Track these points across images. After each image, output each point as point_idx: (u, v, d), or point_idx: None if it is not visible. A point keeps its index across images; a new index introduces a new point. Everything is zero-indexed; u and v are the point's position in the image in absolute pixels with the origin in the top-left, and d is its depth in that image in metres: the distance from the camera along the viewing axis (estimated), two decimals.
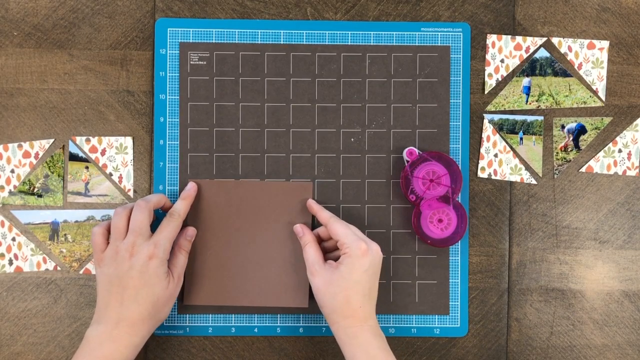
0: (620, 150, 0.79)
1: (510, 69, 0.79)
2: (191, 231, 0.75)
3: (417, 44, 0.79)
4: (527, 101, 0.79)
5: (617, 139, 0.79)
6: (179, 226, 0.72)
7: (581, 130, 0.79)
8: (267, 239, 0.77)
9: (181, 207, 0.74)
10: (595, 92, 0.79)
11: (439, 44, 0.79)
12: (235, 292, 0.77)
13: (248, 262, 0.77)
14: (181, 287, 0.75)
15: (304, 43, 0.78)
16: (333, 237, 0.72)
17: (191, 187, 0.76)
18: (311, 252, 0.72)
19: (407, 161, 0.77)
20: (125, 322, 0.68)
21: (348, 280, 0.69)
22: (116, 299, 0.68)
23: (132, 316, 0.68)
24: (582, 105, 0.79)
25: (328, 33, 0.78)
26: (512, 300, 0.79)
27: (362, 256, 0.70)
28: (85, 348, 0.67)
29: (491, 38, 0.79)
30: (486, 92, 0.79)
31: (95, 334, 0.68)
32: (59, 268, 0.77)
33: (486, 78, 0.79)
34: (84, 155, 0.78)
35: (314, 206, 0.76)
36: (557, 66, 0.79)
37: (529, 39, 0.79)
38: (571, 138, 0.79)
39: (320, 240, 0.76)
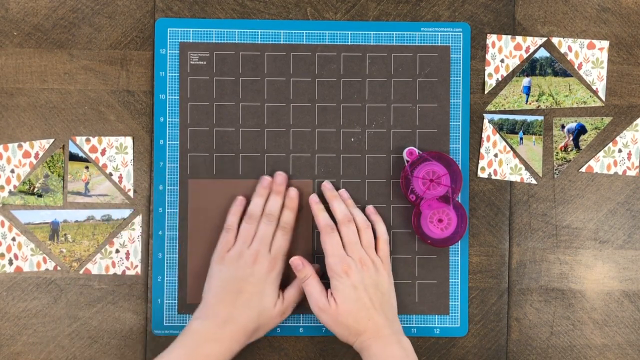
0: (620, 150, 0.79)
1: (510, 69, 0.79)
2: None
3: (417, 44, 0.79)
4: (527, 101, 0.79)
5: (617, 139, 0.79)
6: (290, 237, 0.74)
7: (581, 130, 0.79)
8: None
9: (290, 218, 0.75)
10: (595, 92, 0.79)
11: (439, 44, 0.79)
12: None
13: None
14: (186, 287, 0.76)
15: (304, 43, 0.78)
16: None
17: (295, 196, 0.76)
18: (314, 286, 0.72)
19: (407, 161, 0.77)
20: (232, 324, 0.69)
21: (347, 304, 0.70)
22: (230, 299, 0.70)
23: (240, 320, 0.69)
24: (582, 105, 0.79)
25: (328, 33, 0.78)
26: (512, 300, 0.79)
27: (346, 275, 0.71)
28: (189, 341, 0.68)
29: (491, 38, 0.79)
30: (486, 92, 0.79)
31: (201, 330, 0.69)
32: (59, 268, 0.77)
33: (486, 78, 0.79)
34: (84, 155, 0.78)
35: (314, 207, 0.76)
36: (557, 66, 0.79)
37: (529, 39, 0.79)
38: (571, 138, 0.79)
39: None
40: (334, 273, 0.71)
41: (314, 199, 0.76)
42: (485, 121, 0.79)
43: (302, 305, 0.76)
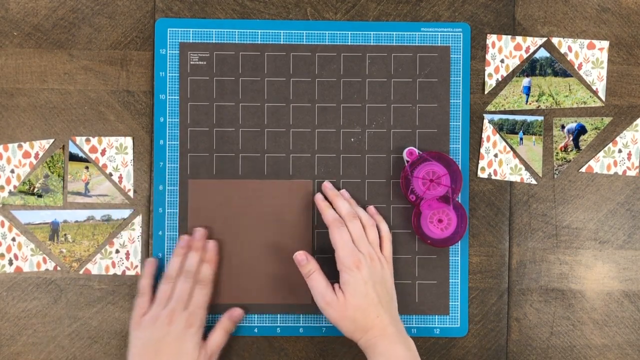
0: (620, 150, 0.79)
1: (510, 69, 0.79)
2: (237, 313, 0.76)
3: (417, 44, 0.79)
4: (527, 101, 0.79)
5: (617, 139, 0.79)
6: (209, 291, 0.74)
7: (581, 130, 0.79)
8: (267, 238, 0.77)
9: (207, 272, 0.74)
10: (595, 92, 0.79)
11: (439, 44, 0.79)
12: (235, 291, 0.77)
13: (248, 261, 0.77)
14: None
15: (304, 43, 0.78)
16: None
17: (213, 247, 0.76)
18: (319, 280, 0.72)
19: (407, 161, 0.77)
20: None
21: (357, 299, 0.69)
22: None
23: None
24: (582, 105, 0.79)
25: (328, 33, 0.78)
26: (512, 300, 0.79)
27: (357, 269, 0.70)
28: None
29: (491, 38, 0.79)
30: (486, 92, 0.79)
31: None
32: (59, 268, 0.77)
33: (486, 78, 0.79)
34: (84, 155, 0.78)
35: (321, 204, 0.75)
36: (557, 66, 0.79)
37: (529, 39, 0.79)
38: (571, 138, 0.79)
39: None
40: (345, 266, 0.70)
41: (319, 197, 0.76)
42: (485, 121, 0.79)
43: (302, 305, 0.76)
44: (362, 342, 0.70)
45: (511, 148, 0.79)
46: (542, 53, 0.79)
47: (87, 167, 0.78)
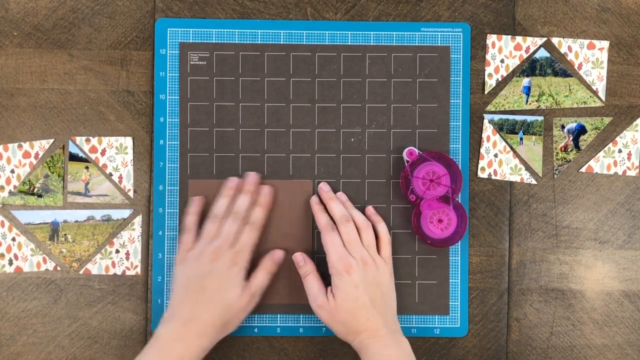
0: (620, 150, 0.79)
1: (510, 69, 0.79)
2: (278, 253, 0.76)
3: (417, 44, 0.79)
4: (527, 101, 0.79)
5: (617, 139, 0.79)
6: (258, 235, 0.74)
7: (581, 130, 0.79)
8: (267, 238, 0.77)
9: (259, 215, 0.74)
10: (595, 92, 0.79)
11: (439, 44, 0.79)
12: None
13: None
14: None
15: (304, 43, 0.78)
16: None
17: (268, 192, 0.76)
18: (313, 283, 0.73)
19: (407, 161, 0.77)
20: (196, 322, 0.69)
21: (347, 303, 0.70)
22: (192, 298, 0.70)
23: (204, 317, 0.69)
24: (582, 105, 0.79)
25: (328, 33, 0.78)
26: (512, 300, 0.79)
27: (347, 274, 0.70)
28: (155, 346, 0.68)
29: (491, 38, 0.79)
30: (486, 92, 0.79)
31: (166, 332, 0.69)
32: (59, 268, 0.77)
33: (486, 78, 0.79)
34: (84, 156, 0.78)
35: (315, 207, 0.76)
36: (557, 66, 0.79)
37: (529, 39, 0.79)
38: (571, 138, 0.79)
39: None
40: (335, 271, 0.71)
41: (315, 199, 0.76)
42: (485, 121, 0.79)
43: (302, 305, 0.76)
44: (355, 344, 0.71)
45: (511, 148, 0.79)
46: (542, 53, 0.79)
47: (87, 167, 0.78)
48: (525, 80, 0.79)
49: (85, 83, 0.78)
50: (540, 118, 0.79)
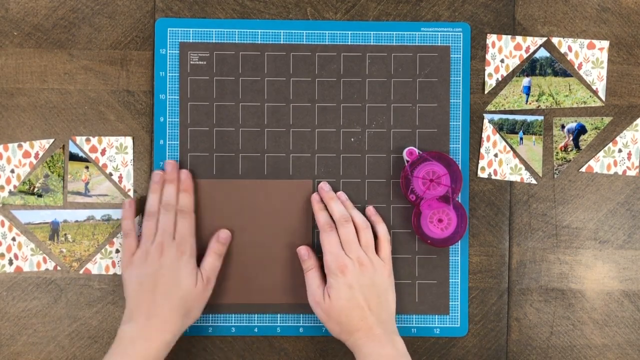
0: (620, 150, 0.79)
1: (510, 69, 0.79)
2: (224, 234, 0.76)
3: (417, 44, 0.79)
4: (527, 101, 0.79)
5: (617, 138, 0.79)
6: (192, 219, 0.74)
7: (581, 130, 0.79)
8: (267, 238, 0.77)
9: (186, 201, 0.75)
10: (595, 92, 0.79)
11: (439, 44, 0.79)
12: (235, 291, 0.77)
13: (248, 261, 0.77)
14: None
15: (304, 43, 0.78)
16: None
17: (187, 176, 0.76)
18: (314, 279, 0.74)
19: (407, 161, 0.77)
20: (156, 317, 0.69)
21: (340, 302, 0.71)
22: (147, 296, 0.70)
23: (163, 312, 0.69)
24: (582, 105, 0.79)
25: (328, 33, 0.78)
26: (512, 300, 0.79)
27: (341, 274, 0.71)
28: (118, 347, 0.68)
29: (491, 38, 0.79)
30: (486, 92, 0.79)
31: (127, 332, 0.69)
32: (59, 268, 0.77)
33: (486, 78, 0.79)
34: (84, 155, 0.78)
35: (315, 205, 0.76)
36: (557, 66, 0.79)
37: (529, 39, 0.79)
38: (571, 138, 0.79)
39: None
40: (330, 271, 0.72)
41: (315, 198, 0.76)
42: (485, 121, 0.79)
43: (302, 305, 0.76)
44: (349, 343, 0.71)
45: (511, 148, 0.79)
46: (542, 53, 0.79)
47: (87, 167, 0.78)
48: (525, 80, 0.79)
49: (85, 83, 0.78)
50: (540, 118, 0.79)
